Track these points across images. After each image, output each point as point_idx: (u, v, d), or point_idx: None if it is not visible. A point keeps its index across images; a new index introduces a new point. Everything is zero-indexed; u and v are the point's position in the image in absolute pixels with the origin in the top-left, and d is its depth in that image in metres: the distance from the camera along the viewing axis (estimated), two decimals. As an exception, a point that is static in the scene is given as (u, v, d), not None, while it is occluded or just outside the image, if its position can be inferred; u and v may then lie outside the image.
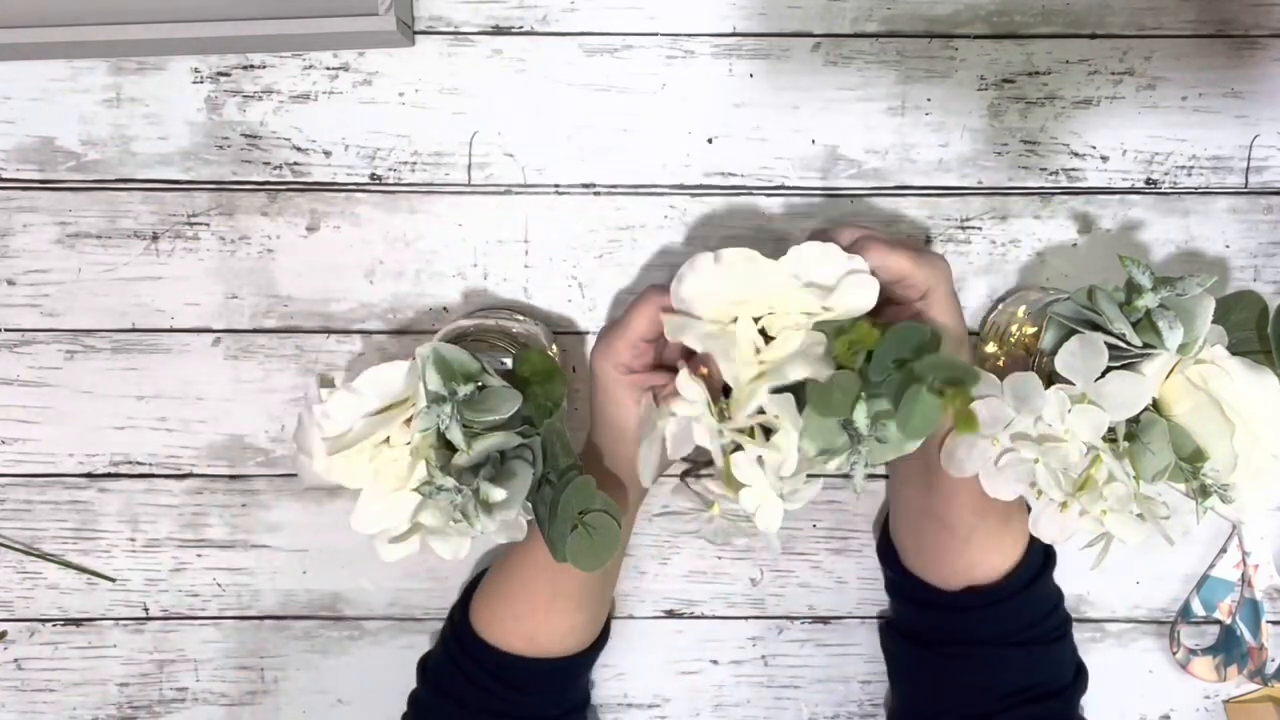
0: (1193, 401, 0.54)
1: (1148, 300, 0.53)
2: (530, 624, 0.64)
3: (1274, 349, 0.54)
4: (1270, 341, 0.55)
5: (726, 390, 0.54)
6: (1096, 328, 0.54)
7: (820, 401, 0.50)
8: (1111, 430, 0.53)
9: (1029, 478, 0.56)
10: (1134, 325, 0.53)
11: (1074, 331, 0.54)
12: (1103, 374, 0.53)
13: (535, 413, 0.57)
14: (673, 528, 0.61)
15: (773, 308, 0.54)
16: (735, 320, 0.54)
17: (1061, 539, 0.57)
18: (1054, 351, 0.54)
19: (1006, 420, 0.55)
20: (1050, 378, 0.54)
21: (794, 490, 0.53)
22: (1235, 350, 0.55)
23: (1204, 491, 0.53)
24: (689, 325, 0.54)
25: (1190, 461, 0.53)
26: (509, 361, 0.62)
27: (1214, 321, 0.54)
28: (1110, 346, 0.52)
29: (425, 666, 0.68)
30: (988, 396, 0.56)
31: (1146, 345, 0.53)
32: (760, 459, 0.52)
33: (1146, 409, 0.53)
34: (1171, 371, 0.54)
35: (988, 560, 0.62)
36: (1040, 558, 0.63)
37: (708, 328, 0.54)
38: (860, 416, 0.50)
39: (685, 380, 0.53)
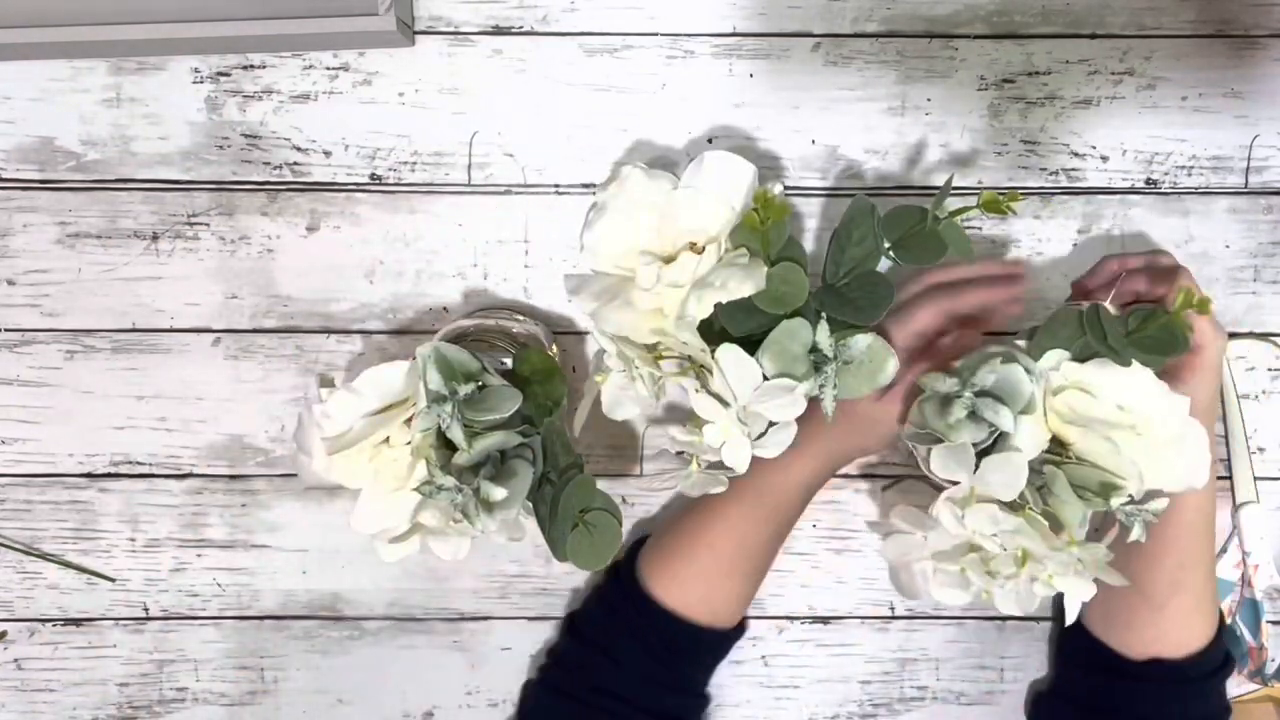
0: (1077, 430, 0.54)
1: (957, 411, 0.53)
2: (710, 586, 0.64)
3: (1095, 334, 0.54)
4: (1095, 331, 0.55)
5: None
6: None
7: (771, 299, 0.51)
8: (1024, 497, 0.54)
9: (963, 584, 0.57)
10: (970, 416, 0.54)
11: (934, 438, 0.55)
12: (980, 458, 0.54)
13: (535, 412, 0.58)
14: (653, 485, 0.61)
15: (677, 240, 0.54)
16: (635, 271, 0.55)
17: (1024, 610, 0.56)
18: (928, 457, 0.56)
19: (918, 547, 0.57)
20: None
21: (760, 429, 0.53)
22: (1082, 358, 0.55)
23: (1129, 512, 0.54)
24: (585, 282, 0.55)
25: (1103, 494, 0.53)
26: (509, 361, 0.62)
27: (1043, 348, 0.55)
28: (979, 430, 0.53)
29: (573, 620, 0.67)
30: (897, 533, 0.58)
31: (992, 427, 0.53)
32: (714, 394, 0.52)
33: (1048, 456, 0.54)
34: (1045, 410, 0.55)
35: (1177, 634, 0.61)
36: (1224, 653, 0.63)
37: (605, 281, 0.55)
38: (822, 336, 0.51)
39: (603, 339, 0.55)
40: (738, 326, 0.52)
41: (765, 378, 0.52)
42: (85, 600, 0.72)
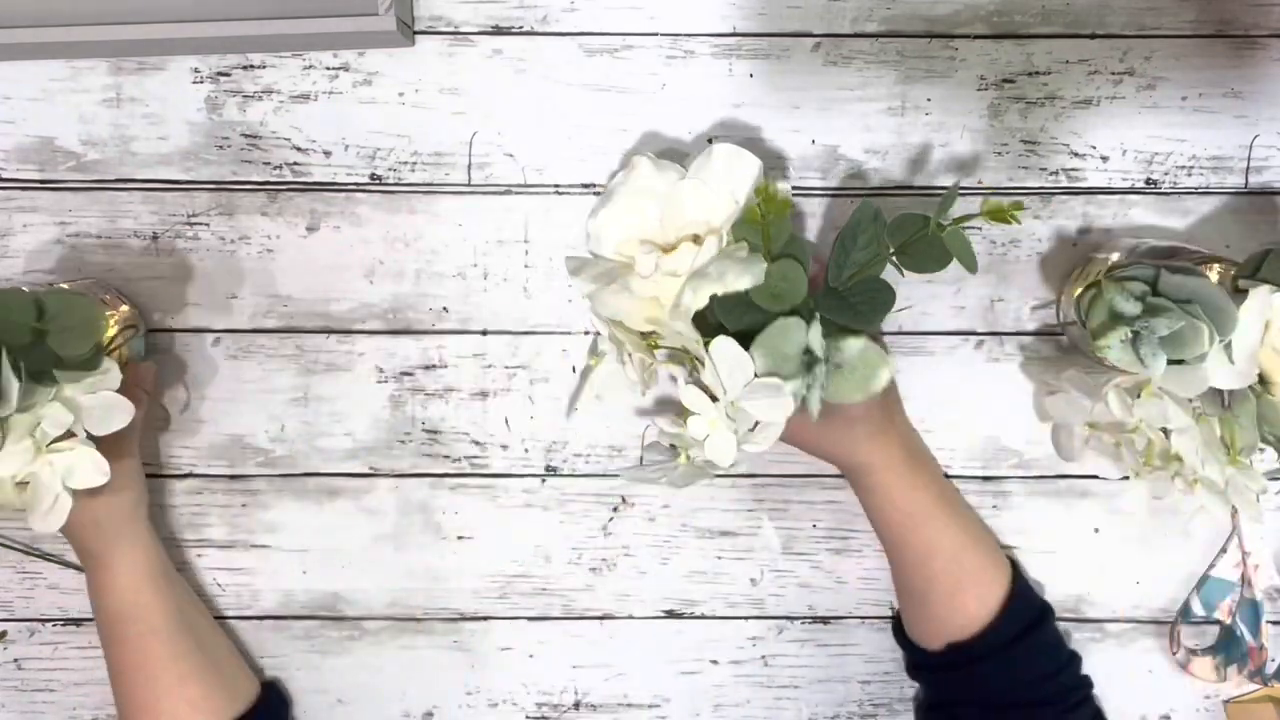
0: None
1: (1118, 334, 0.53)
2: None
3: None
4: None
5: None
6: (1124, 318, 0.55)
7: (769, 295, 0.50)
8: (1199, 400, 0.55)
9: (1115, 458, 0.59)
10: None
11: (1116, 316, 0.55)
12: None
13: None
14: (644, 475, 0.61)
15: (680, 231, 0.55)
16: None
17: (1155, 496, 0.58)
18: (1099, 329, 0.56)
19: (1083, 412, 0.60)
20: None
21: (748, 427, 0.53)
22: None
23: None
24: (585, 264, 0.55)
25: None
26: None
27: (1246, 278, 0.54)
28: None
29: None
30: (1064, 393, 0.60)
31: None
32: (703, 386, 0.52)
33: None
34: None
35: (955, 619, 0.62)
36: (1027, 618, 0.63)
37: (605, 265, 0.55)
38: (815, 337, 0.50)
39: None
40: (733, 321, 0.52)
41: (755, 375, 0.52)
42: (85, 600, 0.72)
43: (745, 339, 0.52)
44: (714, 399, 0.52)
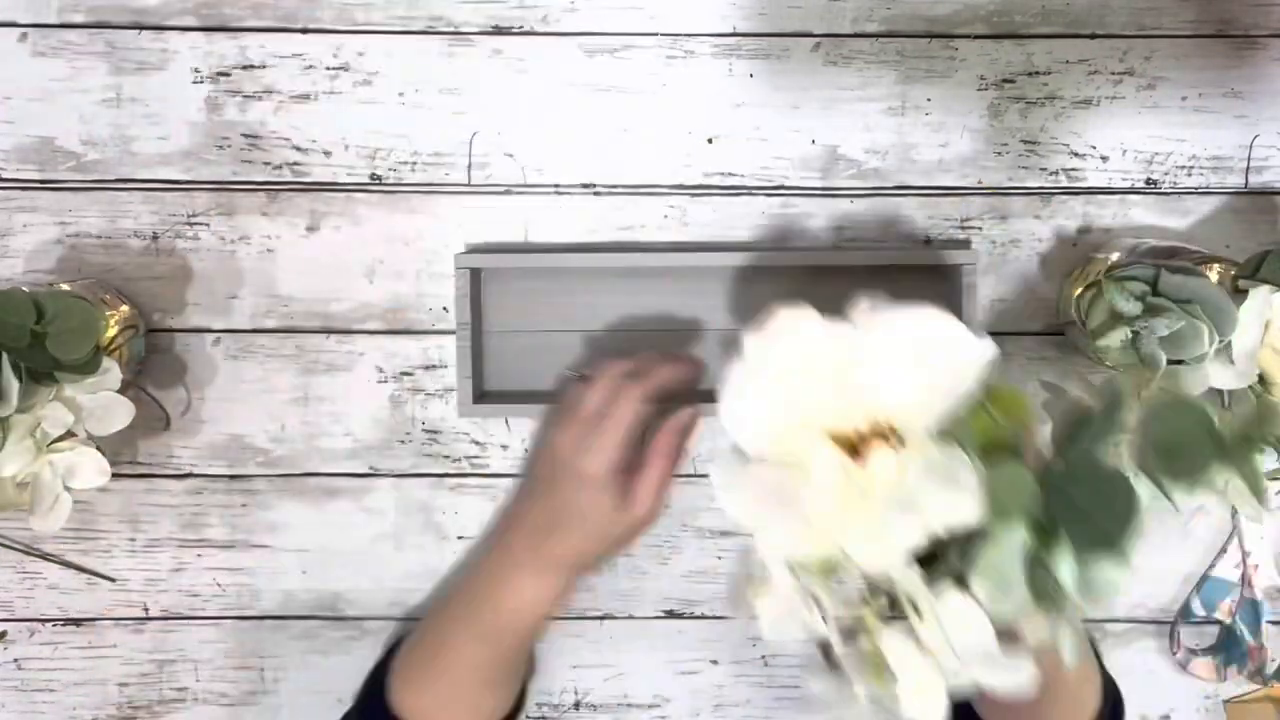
0: None
1: (1118, 334, 0.53)
2: (457, 712, 0.63)
3: None
4: None
5: None
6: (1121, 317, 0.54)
7: (999, 508, 0.36)
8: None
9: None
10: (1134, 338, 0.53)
11: (1116, 316, 0.54)
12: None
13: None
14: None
15: (852, 414, 0.38)
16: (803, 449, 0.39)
17: None
18: (1099, 328, 0.55)
19: None
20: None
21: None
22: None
23: None
24: (740, 477, 0.39)
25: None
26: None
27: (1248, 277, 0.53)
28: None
29: None
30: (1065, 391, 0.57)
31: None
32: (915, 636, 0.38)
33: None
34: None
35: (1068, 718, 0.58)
36: (1111, 706, 0.61)
37: (770, 476, 0.39)
38: (1064, 565, 0.36)
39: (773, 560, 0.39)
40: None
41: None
42: (85, 600, 0.72)
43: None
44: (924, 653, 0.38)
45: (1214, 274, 0.58)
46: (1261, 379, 0.54)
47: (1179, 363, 0.53)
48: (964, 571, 0.37)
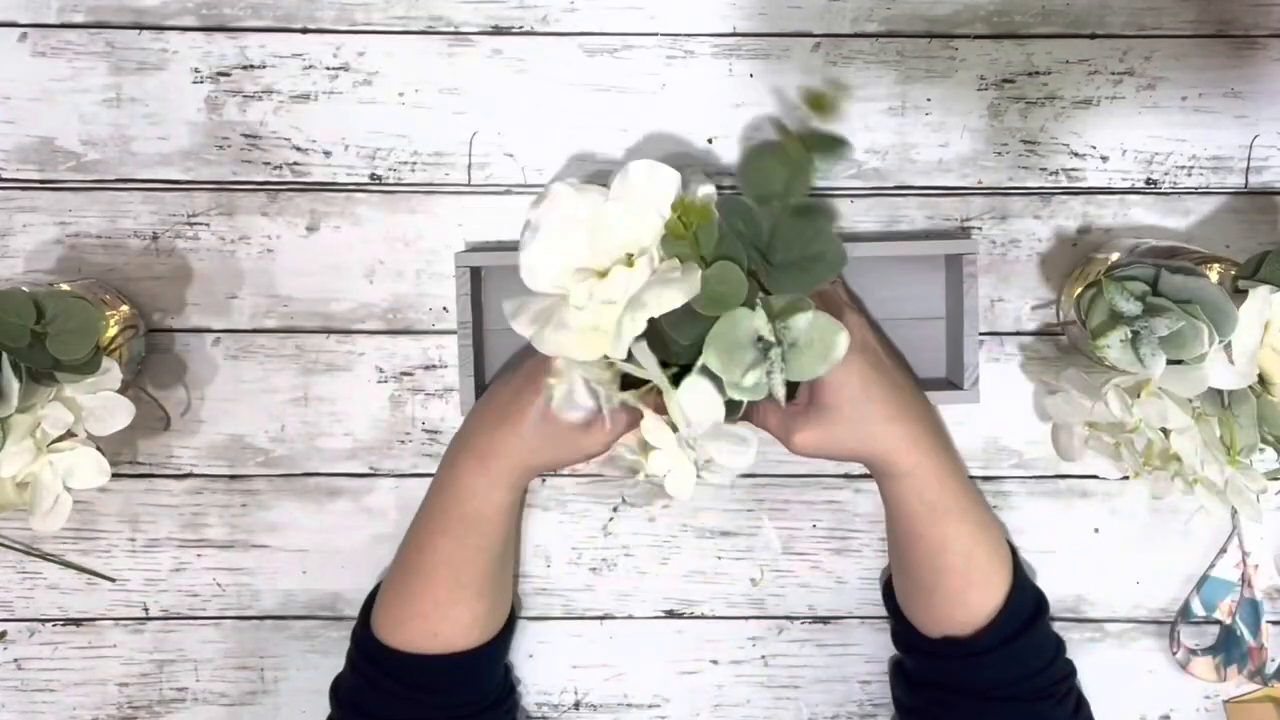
0: None
1: (1118, 334, 0.54)
2: (434, 620, 0.63)
3: None
4: None
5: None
6: (1123, 316, 0.55)
7: (710, 302, 0.48)
8: (1198, 400, 0.55)
9: (1115, 457, 0.60)
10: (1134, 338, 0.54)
11: (1116, 316, 0.55)
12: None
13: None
14: (599, 493, 0.60)
15: (612, 255, 0.52)
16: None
17: (1154, 496, 0.59)
18: (1098, 329, 0.56)
19: (1084, 413, 0.60)
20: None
21: (708, 459, 0.52)
22: None
23: None
24: (523, 304, 0.53)
25: None
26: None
27: (1254, 279, 0.54)
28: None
29: (337, 690, 0.66)
30: (1064, 392, 0.61)
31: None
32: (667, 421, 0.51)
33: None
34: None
35: (956, 614, 0.62)
36: (1026, 612, 0.63)
37: (543, 302, 0.53)
38: (760, 321, 0.48)
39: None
40: (685, 335, 0.50)
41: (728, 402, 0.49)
42: (85, 600, 0.72)
43: (699, 349, 0.50)
44: (675, 429, 0.51)
45: (1214, 274, 0.58)
46: (1261, 379, 0.54)
47: (1179, 363, 0.53)
48: (682, 346, 0.50)
